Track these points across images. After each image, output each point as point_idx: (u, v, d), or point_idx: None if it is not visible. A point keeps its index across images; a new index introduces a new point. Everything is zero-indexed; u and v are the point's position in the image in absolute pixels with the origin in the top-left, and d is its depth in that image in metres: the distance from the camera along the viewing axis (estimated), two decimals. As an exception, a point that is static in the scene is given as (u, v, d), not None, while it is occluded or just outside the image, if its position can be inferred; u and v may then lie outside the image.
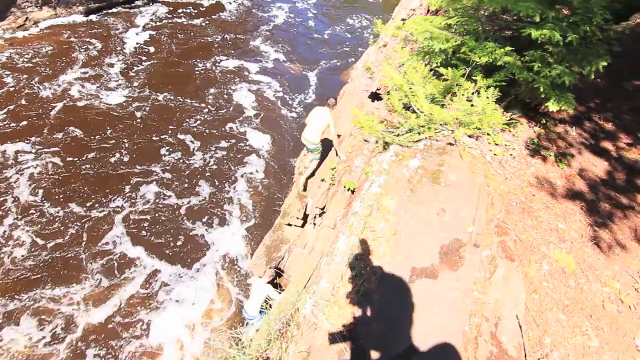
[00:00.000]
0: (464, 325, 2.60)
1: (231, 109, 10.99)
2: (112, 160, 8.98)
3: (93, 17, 14.14)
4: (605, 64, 4.01)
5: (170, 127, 10.12)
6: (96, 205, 7.94)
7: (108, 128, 9.72)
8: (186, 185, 8.79)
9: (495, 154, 4.04)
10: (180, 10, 15.59)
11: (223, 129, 10.34)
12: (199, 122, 10.43)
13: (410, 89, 4.53)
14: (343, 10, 17.76)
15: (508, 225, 3.30)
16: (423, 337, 2.52)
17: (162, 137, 9.79)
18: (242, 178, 9.30)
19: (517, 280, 2.89)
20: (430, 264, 2.90)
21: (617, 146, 4.56)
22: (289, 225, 8.35)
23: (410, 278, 2.82)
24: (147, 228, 7.81)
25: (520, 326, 2.64)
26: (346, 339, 2.48)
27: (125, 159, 9.07)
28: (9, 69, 10.72)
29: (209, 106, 10.96)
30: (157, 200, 8.34)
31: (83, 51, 12.14)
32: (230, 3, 16.79)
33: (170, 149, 9.49)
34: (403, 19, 11.19)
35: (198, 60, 12.74)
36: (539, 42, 4.03)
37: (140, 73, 11.74)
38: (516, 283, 2.87)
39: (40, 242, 7.07)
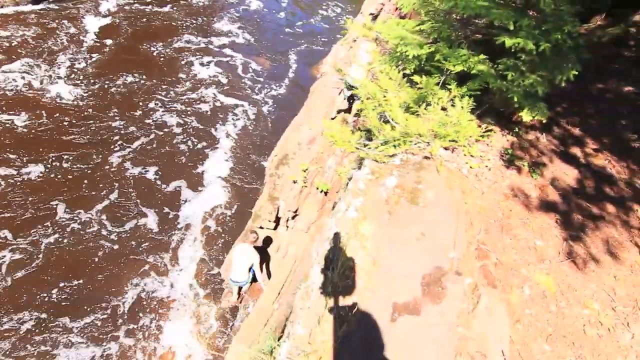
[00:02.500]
0: (449, 367, 2.38)
1: (194, 106, 10.29)
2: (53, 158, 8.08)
3: (43, 5, 12.74)
4: (575, 72, 3.88)
5: (123, 120, 9.31)
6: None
7: (49, 118, 8.76)
8: (145, 190, 8.12)
9: (471, 167, 3.84)
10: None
11: (185, 126, 9.67)
12: (157, 116, 9.66)
13: (384, 96, 4.22)
14: (317, 1, 17.08)
15: (488, 247, 3.11)
16: (408, 384, 2.28)
17: (115, 129, 8.97)
18: (210, 179, 8.74)
19: (500, 310, 2.71)
20: (413, 297, 2.65)
21: (585, 152, 4.49)
22: (261, 228, 7.96)
23: (392, 316, 2.56)
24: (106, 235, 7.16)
25: (506, 363, 2.46)
26: (326, 395, 2.19)
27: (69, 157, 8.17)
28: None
29: (169, 100, 10.20)
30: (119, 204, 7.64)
31: (30, 41, 10.90)
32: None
33: (125, 147, 8.68)
34: (372, 14, 10.83)
35: (160, 49, 11.81)
36: (512, 50, 3.82)
37: (92, 62, 10.72)
38: (500, 313, 2.69)
39: None
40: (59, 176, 7.88)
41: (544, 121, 4.07)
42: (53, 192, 7.60)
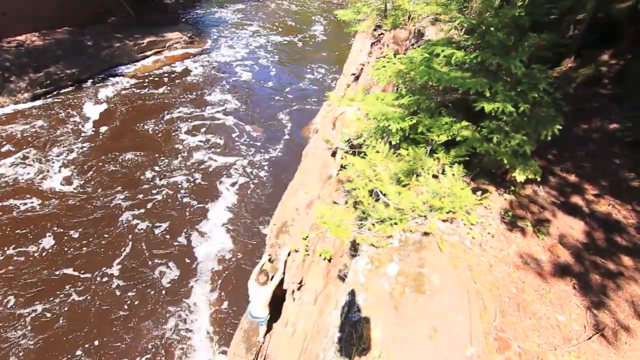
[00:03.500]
0: None
1: (190, 173, 10.34)
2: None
3: (41, 100, 13.30)
4: (560, 126, 3.84)
5: (126, 191, 9.36)
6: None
7: (56, 199, 8.76)
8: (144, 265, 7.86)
9: (473, 237, 3.65)
10: (144, 81, 15.06)
11: (182, 190, 9.65)
12: (157, 183, 9.68)
13: (374, 171, 4.15)
14: (302, 65, 17.93)
15: (507, 334, 2.83)
16: None
17: (120, 199, 8.91)
18: (208, 254, 8.49)
19: (535, 416, 2.38)
20: (435, 415, 2.34)
21: (587, 200, 4.33)
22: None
23: None
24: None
25: None
26: None
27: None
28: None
29: (164, 176, 10.25)
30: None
31: (31, 134, 11.19)
32: (196, 68, 16.54)
33: (132, 210, 8.60)
34: (353, 74, 11.23)
35: (156, 126, 12.13)
36: (492, 114, 3.82)
37: (92, 147, 10.95)
38: (535, 421, 2.36)
39: None
40: (74, 245, 8.16)
41: (538, 179, 3.95)
42: (67, 260, 7.88)
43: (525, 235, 3.80)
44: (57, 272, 7.72)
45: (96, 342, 6.68)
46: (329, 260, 7.09)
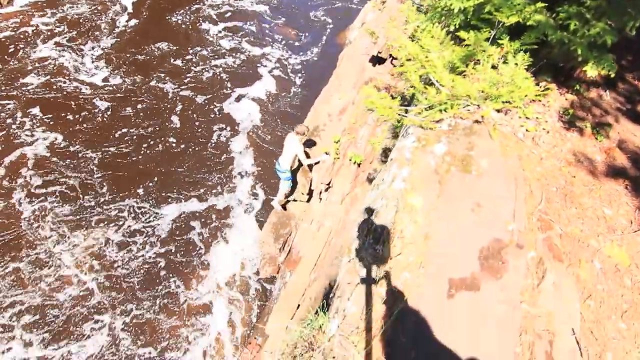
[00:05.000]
0: (514, 346, 2.17)
1: (224, 73, 10.15)
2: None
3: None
4: (652, 17, 3.30)
5: (159, 83, 9.49)
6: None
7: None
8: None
9: (527, 130, 3.43)
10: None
11: (217, 75, 9.69)
12: (188, 90, 9.67)
13: (427, 57, 3.81)
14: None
15: (551, 217, 2.79)
16: (470, 364, 2.10)
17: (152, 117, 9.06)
18: (241, 154, 8.69)
19: (569, 285, 2.43)
20: (470, 272, 2.42)
21: (656, 110, 3.94)
22: (294, 201, 7.88)
23: (449, 292, 2.35)
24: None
25: (578, 342, 2.22)
26: (382, 374, 2.06)
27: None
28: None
29: (196, 74, 10.10)
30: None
31: (65, 27, 10.94)
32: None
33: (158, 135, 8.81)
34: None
35: (186, 20, 11.59)
36: (575, -5, 3.29)
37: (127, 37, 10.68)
38: (568, 289, 2.41)
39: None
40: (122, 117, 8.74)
41: (612, 75, 3.53)
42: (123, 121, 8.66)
43: (582, 135, 3.54)
44: (118, 132, 8.47)
45: (156, 179, 7.72)
46: (359, 165, 7.10)
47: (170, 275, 6.57)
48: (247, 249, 7.41)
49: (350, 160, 7.06)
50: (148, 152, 8.19)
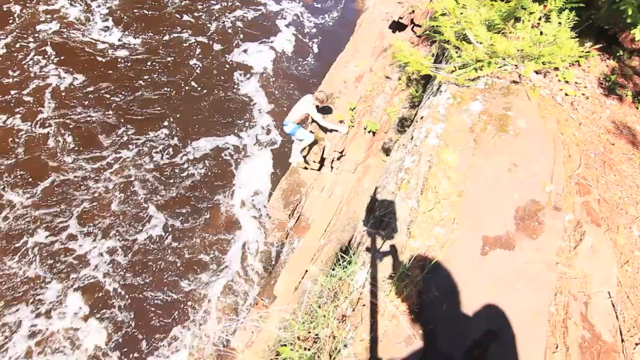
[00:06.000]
0: (549, 305, 2.11)
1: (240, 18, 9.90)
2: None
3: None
4: None
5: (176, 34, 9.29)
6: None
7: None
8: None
9: (566, 94, 3.25)
10: None
11: (230, 56, 9.38)
12: (199, 49, 9.42)
13: (462, 13, 3.57)
14: None
15: (589, 182, 2.67)
16: (502, 319, 2.03)
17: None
18: (258, 98, 8.57)
19: (606, 250, 2.34)
20: (505, 231, 2.33)
21: (701, 83, 3.72)
22: (305, 168, 7.76)
23: (483, 249, 2.27)
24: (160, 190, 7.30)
25: (614, 305, 2.15)
26: (414, 324, 2.00)
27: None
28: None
29: (212, 26, 9.77)
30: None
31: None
32: None
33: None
34: None
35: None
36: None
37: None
38: (606, 253, 2.33)
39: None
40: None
41: (661, 41, 3.31)
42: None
43: (622, 103, 3.36)
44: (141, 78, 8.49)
45: (179, 116, 7.97)
46: (374, 134, 6.92)
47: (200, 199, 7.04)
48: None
49: (365, 128, 6.89)
50: (171, 95, 8.31)
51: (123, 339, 5.39)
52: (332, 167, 7.51)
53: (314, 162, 7.47)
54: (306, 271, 5.94)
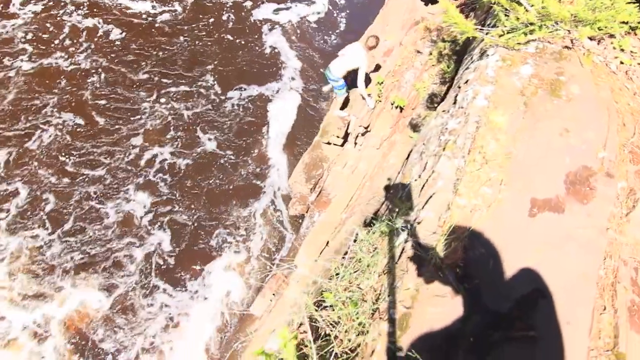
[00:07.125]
0: (598, 269, 2.07)
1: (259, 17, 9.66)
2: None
3: None
4: None
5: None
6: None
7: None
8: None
9: (621, 62, 3.09)
10: None
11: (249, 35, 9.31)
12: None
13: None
14: None
15: (644, 152, 2.57)
16: (550, 279, 2.01)
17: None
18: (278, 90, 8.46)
19: (660, 218, 2.27)
20: (555, 194, 2.27)
21: None
22: (328, 144, 7.71)
23: (531, 211, 2.22)
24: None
25: (666, 272, 2.10)
26: (458, 278, 2.00)
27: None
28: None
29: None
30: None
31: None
32: None
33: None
34: None
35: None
36: None
37: None
38: (660, 222, 2.26)
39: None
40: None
41: None
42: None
43: (680, 75, 3.19)
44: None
45: (216, 64, 8.41)
46: (401, 110, 6.81)
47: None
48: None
49: (392, 104, 6.77)
50: (206, 46, 8.71)
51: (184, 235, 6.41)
52: (355, 143, 7.45)
53: (338, 137, 7.41)
54: (327, 242, 6.00)
